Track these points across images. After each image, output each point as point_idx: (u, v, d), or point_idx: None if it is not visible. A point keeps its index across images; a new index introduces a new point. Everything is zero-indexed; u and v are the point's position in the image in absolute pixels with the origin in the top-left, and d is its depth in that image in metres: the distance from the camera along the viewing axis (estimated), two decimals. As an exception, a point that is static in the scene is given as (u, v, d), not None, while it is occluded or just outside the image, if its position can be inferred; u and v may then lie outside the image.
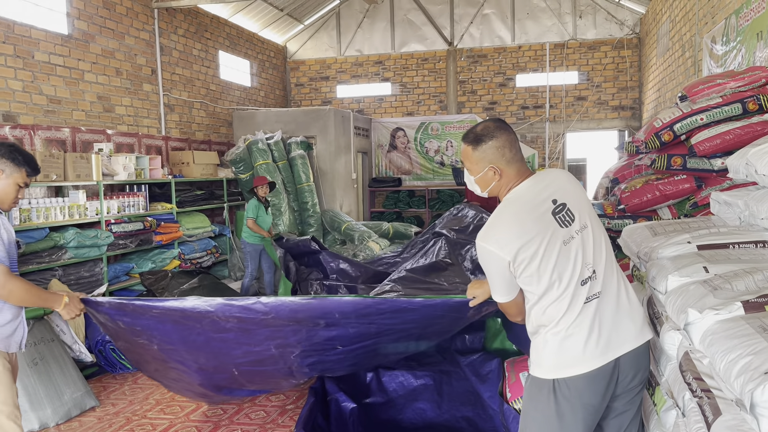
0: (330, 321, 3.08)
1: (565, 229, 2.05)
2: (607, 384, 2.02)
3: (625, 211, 4.68)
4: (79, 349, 5.01)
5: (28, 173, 2.77)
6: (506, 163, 2.15)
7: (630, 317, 2.06)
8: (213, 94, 9.90)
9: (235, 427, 4.03)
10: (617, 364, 2.02)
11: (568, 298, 2.01)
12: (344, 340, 3.20)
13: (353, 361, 3.56)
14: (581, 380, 1.99)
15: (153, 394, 4.71)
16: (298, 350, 3.27)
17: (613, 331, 2.02)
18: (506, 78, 12.10)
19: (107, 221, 6.41)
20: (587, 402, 2.01)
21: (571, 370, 2.00)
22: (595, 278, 2.04)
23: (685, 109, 4.43)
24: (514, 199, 2.14)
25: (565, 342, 2.01)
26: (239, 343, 3.23)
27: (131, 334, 3.33)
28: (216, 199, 8.78)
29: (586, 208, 2.14)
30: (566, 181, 2.19)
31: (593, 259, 2.06)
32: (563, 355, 2.01)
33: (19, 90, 6.08)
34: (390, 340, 3.36)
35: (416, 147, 11.90)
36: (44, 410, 4.15)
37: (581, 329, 2.00)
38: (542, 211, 2.07)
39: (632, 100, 11.61)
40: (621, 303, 2.06)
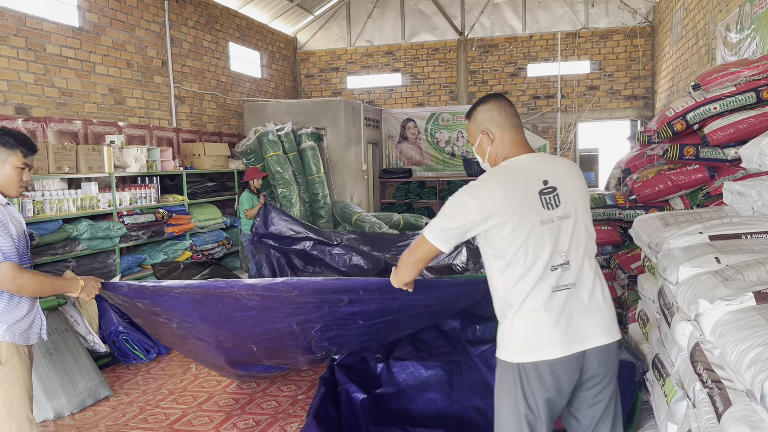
0: (353, 298, 3.11)
1: (547, 211, 2.07)
2: (571, 373, 2.04)
3: (637, 202, 4.65)
4: (93, 339, 5.07)
5: (24, 153, 2.68)
6: (496, 126, 2.20)
7: (601, 315, 2.07)
8: (223, 86, 9.92)
9: (246, 417, 4.07)
10: (584, 356, 2.04)
11: (535, 278, 2.03)
12: (366, 315, 3.22)
13: (373, 335, 3.58)
14: (545, 366, 2.02)
15: (166, 384, 4.76)
16: (320, 325, 3.29)
17: (582, 324, 2.03)
18: (517, 68, 12.02)
19: (119, 213, 6.45)
20: (550, 388, 2.04)
21: (536, 355, 2.03)
22: (568, 269, 2.05)
23: (698, 98, 4.38)
24: (507, 167, 2.17)
25: (532, 328, 2.03)
26: (260, 320, 3.25)
27: (150, 314, 3.39)
28: (227, 191, 8.81)
29: (579, 202, 2.14)
30: (567, 170, 2.19)
31: (568, 249, 2.06)
32: (529, 341, 2.04)
33: (32, 83, 6.12)
34: (411, 315, 3.38)
35: (427, 138, 11.87)
36: (59, 400, 4.20)
37: (549, 317, 2.02)
38: (530, 187, 2.09)
39: (645, 90, 11.50)
40: (594, 299, 2.07)
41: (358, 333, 3.42)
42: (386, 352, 4.52)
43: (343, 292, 3.11)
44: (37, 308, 2.78)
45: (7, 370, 2.59)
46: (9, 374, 2.60)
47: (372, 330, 3.41)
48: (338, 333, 3.41)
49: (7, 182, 2.66)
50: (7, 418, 2.60)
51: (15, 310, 2.64)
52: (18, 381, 2.63)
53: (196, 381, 4.79)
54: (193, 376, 4.89)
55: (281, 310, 3.18)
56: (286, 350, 3.61)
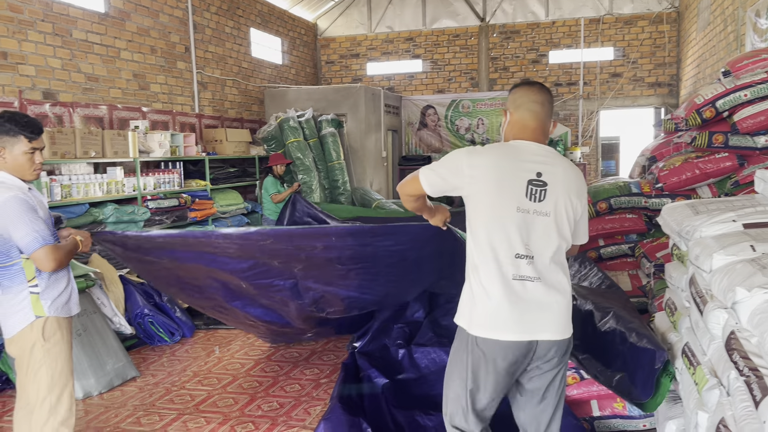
0: (327, 244, 3.25)
1: (528, 201, 2.10)
2: (519, 357, 2.12)
3: (663, 190, 4.59)
4: (119, 321, 5.15)
5: (29, 138, 2.67)
6: (515, 107, 2.25)
7: (557, 313, 2.13)
8: (245, 72, 9.94)
9: (270, 399, 4.12)
10: (535, 345, 2.12)
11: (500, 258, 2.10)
12: (342, 260, 3.37)
13: (356, 282, 3.69)
14: (495, 345, 2.10)
15: (190, 366, 4.83)
16: (301, 266, 3.41)
17: (537, 317, 2.10)
18: (539, 54, 11.89)
19: (144, 197, 6.53)
20: (499, 365, 2.13)
21: (490, 333, 2.11)
22: (532, 262, 2.10)
23: (728, 84, 4.31)
24: (511, 145, 2.21)
25: (490, 307, 2.11)
26: (244, 258, 3.37)
27: (141, 255, 3.51)
28: (248, 177, 8.87)
29: (563, 206, 2.13)
30: (566, 173, 2.18)
31: (535, 245, 2.11)
32: (485, 319, 2.12)
33: (59, 68, 6.18)
34: (388, 264, 3.50)
35: (447, 125, 11.82)
36: (88, 379, 4.29)
37: (507, 302, 2.08)
38: (522, 172, 2.13)
39: (669, 77, 11.33)
40: (553, 297, 2.12)
41: (338, 275, 3.57)
42: (407, 338, 4.56)
43: (315, 238, 3.27)
44: (72, 279, 2.86)
45: (50, 345, 2.68)
46: (52, 350, 2.69)
47: (353, 275, 3.56)
48: (320, 273, 3.55)
49: (20, 169, 2.67)
50: (48, 392, 2.69)
51: (55, 286, 2.73)
52: (60, 356, 2.72)
53: (220, 364, 4.85)
54: (216, 359, 4.95)
55: (260, 254, 3.32)
56: (276, 290, 3.71)
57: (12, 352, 2.72)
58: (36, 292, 2.67)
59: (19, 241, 2.57)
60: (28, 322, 2.65)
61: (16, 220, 2.54)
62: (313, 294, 3.75)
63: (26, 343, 2.66)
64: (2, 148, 2.64)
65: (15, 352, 2.71)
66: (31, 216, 2.59)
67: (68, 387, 2.76)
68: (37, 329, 2.66)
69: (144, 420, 3.86)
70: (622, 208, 4.81)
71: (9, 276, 2.66)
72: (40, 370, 2.67)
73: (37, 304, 2.67)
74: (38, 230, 2.58)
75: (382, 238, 3.26)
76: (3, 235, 2.60)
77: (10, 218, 2.55)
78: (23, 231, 2.55)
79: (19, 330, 2.66)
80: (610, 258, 4.79)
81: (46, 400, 2.68)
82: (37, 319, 2.66)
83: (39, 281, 2.68)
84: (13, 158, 2.65)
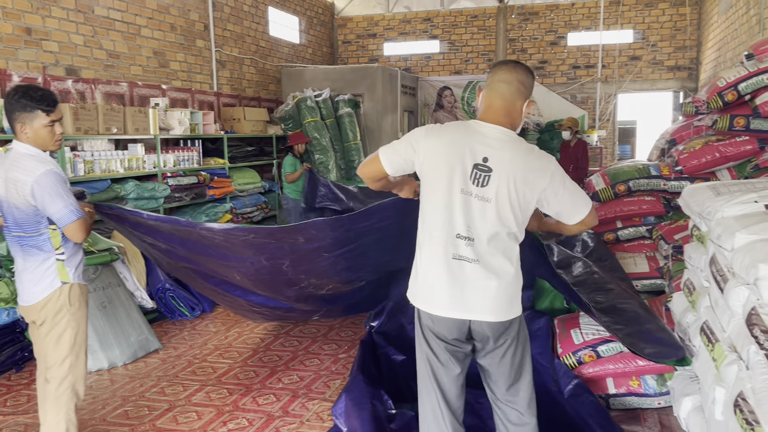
0: (307, 236, 3.32)
1: (470, 184, 2.14)
2: (458, 332, 2.21)
3: (683, 173, 4.60)
4: (141, 295, 5.26)
5: (47, 111, 2.70)
6: (486, 85, 2.27)
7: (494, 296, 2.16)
8: (263, 51, 9.96)
9: (291, 372, 4.21)
10: (469, 324, 2.19)
11: (441, 236, 2.17)
12: (326, 248, 3.45)
13: (346, 265, 3.77)
14: (433, 318, 2.21)
15: (211, 339, 4.93)
16: (288, 261, 3.49)
17: (471, 298, 2.16)
18: (558, 36, 11.80)
19: (164, 174, 6.61)
20: (442, 337, 2.22)
21: (429, 307, 2.22)
22: (472, 244, 2.15)
23: (751, 68, 4.30)
24: (467, 125, 2.23)
25: (430, 283, 2.20)
26: (231, 252, 3.44)
27: (140, 236, 3.59)
28: (266, 156, 8.93)
29: (508, 196, 2.13)
30: (515, 161, 2.14)
31: (476, 228, 2.15)
32: (426, 293, 2.22)
33: (81, 44, 6.24)
34: (373, 240, 3.55)
35: (463, 106, 11.78)
36: (113, 351, 4.40)
37: (445, 280, 2.16)
38: (470, 155, 2.15)
39: (689, 60, 11.21)
40: (490, 281, 2.15)
41: (329, 264, 3.64)
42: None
43: (295, 232, 3.32)
44: (82, 250, 2.99)
45: (75, 309, 2.82)
46: (77, 314, 2.83)
47: (342, 260, 3.63)
48: (309, 267, 3.62)
49: (43, 142, 2.73)
50: (69, 352, 2.82)
51: (77, 254, 2.88)
52: (82, 320, 2.87)
53: (240, 338, 4.95)
54: (237, 333, 5.05)
55: (245, 250, 3.38)
56: (268, 282, 3.80)
57: (37, 317, 2.82)
58: (62, 259, 2.79)
59: (54, 214, 2.65)
60: (56, 287, 2.77)
61: (54, 194, 2.62)
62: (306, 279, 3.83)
63: (53, 308, 2.78)
64: (22, 124, 2.69)
65: (41, 317, 2.81)
66: (66, 189, 2.67)
67: (84, 348, 2.92)
68: (64, 295, 2.78)
69: (168, 390, 3.96)
70: (641, 191, 4.83)
71: (38, 245, 2.76)
72: (65, 333, 2.80)
73: (63, 271, 2.79)
74: (73, 203, 2.67)
75: (362, 221, 3.32)
76: (38, 207, 2.67)
77: (48, 191, 2.62)
78: (60, 204, 2.63)
79: (46, 295, 2.77)
80: (628, 240, 4.82)
81: (67, 359, 2.82)
82: (63, 285, 2.79)
83: (65, 249, 2.79)
84: (34, 132, 2.70)
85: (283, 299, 4.20)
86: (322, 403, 3.71)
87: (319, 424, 3.45)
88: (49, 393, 2.82)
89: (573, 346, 3.56)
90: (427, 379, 2.29)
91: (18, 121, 2.69)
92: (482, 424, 3.20)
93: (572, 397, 3.34)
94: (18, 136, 2.72)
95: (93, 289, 4.53)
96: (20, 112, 2.68)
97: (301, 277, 3.77)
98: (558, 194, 2.19)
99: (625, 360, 3.46)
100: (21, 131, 2.70)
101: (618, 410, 3.50)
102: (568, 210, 2.25)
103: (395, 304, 4.71)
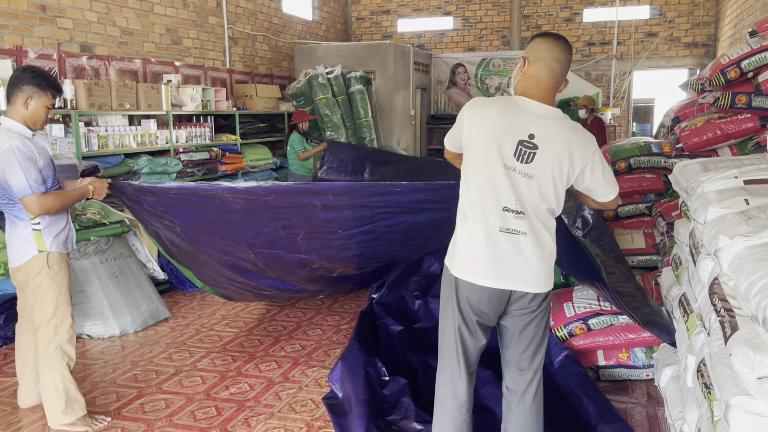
0: (324, 202, 3.38)
1: (515, 161, 2.17)
2: (497, 302, 2.27)
3: (684, 150, 4.63)
4: (153, 266, 5.42)
5: (53, 95, 2.98)
6: (535, 59, 2.25)
7: (537, 269, 2.22)
8: (275, 28, 10.01)
9: (293, 341, 4.36)
10: (509, 294, 2.25)
11: (487, 210, 2.20)
12: (341, 222, 3.53)
13: (358, 251, 3.90)
14: (472, 287, 2.25)
15: (219, 310, 5.10)
16: (303, 232, 3.59)
17: (515, 269, 2.21)
18: (573, 12, 11.68)
19: (176, 150, 6.75)
20: (478, 310, 2.29)
21: (471, 277, 2.25)
22: (522, 218, 2.19)
23: (754, 45, 4.29)
24: (514, 101, 2.25)
25: (474, 253, 2.24)
26: (249, 222, 3.55)
27: (157, 218, 3.70)
28: (277, 132, 9.04)
29: (552, 173, 2.18)
30: (561, 139, 2.17)
31: (523, 201, 2.18)
32: (469, 263, 2.26)
33: (95, 21, 6.37)
34: (386, 228, 3.63)
35: (476, 83, 11.75)
36: (124, 318, 4.58)
37: (488, 251, 2.20)
38: (516, 131, 2.18)
39: (707, 37, 11.04)
40: (535, 254, 2.21)
41: (341, 244, 3.76)
42: (424, 289, 4.73)
43: (313, 194, 3.41)
44: (69, 221, 3.19)
45: (54, 273, 3.05)
46: (56, 277, 3.06)
47: (353, 243, 3.74)
48: (323, 243, 3.73)
49: (35, 119, 2.97)
50: (53, 314, 3.07)
51: (56, 225, 3.07)
52: (63, 283, 3.09)
53: (247, 309, 5.11)
54: (244, 305, 5.21)
55: (264, 213, 3.47)
56: (282, 260, 3.91)
57: (19, 279, 3.11)
58: (38, 228, 3.01)
59: (13, 186, 2.87)
60: (32, 254, 3.01)
61: (14, 167, 2.84)
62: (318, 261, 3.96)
63: (32, 271, 3.03)
64: (29, 97, 2.93)
65: (22, 280, 3.09)
66: (27, 165, 2.87)
67: (69, 310, 3.13)
68: (42, 261, 3.02)
69: (175, 356, 4.13)
70: (642, 168, 4.86)
71: (15, 213, 3.00)
72: (46, 295, 3.04)
73: (40, 239, 3.01)
74: (30, 178, 2.86)
75: (377, 196, 3.37)
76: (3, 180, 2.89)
77: (9, 164, 2.84)
78: (17, 178, 2.85)
79: (25, 261, 3.02)
80: (627, 217, 4.87)
81: (51, 320, 3.06)
82: (40, 253, 3.02)
83: (41, 219, 3.01)
84: (34, 109, 2.95)
85: (295, 280, 4.33)
86: (321, 370, 3.85)
87: (317, 389, 3.59)
88: (41, 354, 3.09)
89: (564, 318, 3.65)
90: (452, 345, 2.37)
91: (25, 93, 2.91)
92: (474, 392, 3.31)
93: (561, 367, 3.44)
94: (13, 109, 2.93)
95: (105, 259, 4.70)
96: (34, 87, 2.91)
97: (314, 257, 3.88)
98: (595, 173, 2.26)
99: (614, 333, 3.55)
100: (22, 104, 2.92)
101: (607, 381, 3.60)
102: (599, 189, 2.31)
103: (396, 276, 4.84)
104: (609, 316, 3.55)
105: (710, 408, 1.74)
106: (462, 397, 2.39)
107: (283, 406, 3.39)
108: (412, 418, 3.07)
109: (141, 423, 3.23)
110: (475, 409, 3.11)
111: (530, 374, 2.41)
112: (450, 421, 2.41)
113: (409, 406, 3.14)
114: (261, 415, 3.28)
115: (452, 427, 2.41)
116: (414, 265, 4.92)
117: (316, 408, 3.36)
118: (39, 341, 3.08)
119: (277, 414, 3.30)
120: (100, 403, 3.46)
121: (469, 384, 2.41)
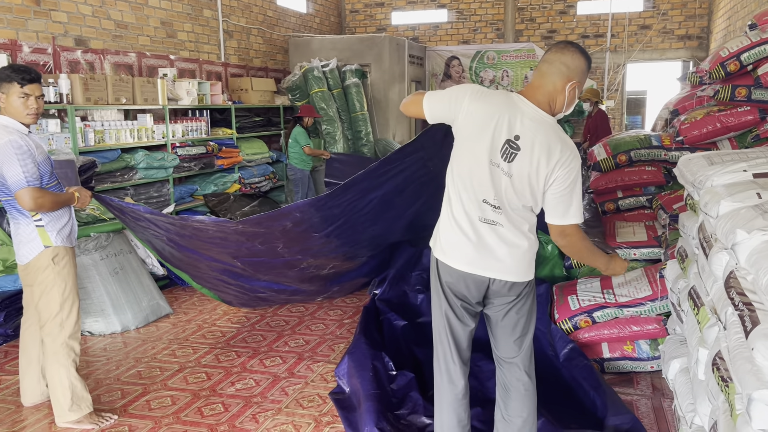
0: (294, 220, 3.46)
1: (499, 157, 2.22)
2: (475, 287, 2.33)
3: (684, 143, 4.65)
4: (152, 262, 5.40)
5: (21, 84, 2.92)
6: (542, 63, 2.32)
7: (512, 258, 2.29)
8: (270, 21, 9.95)
9: (297, 336, 4.36)
10: (489, 282, 2.31)
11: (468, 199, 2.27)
12: (315, 227, 3.61)
13: (339, 242, 3.92)
14: (454, 272, 2.33)
15: (220, 305, 5.08)
16: (281, 244, 3.65)
17: (492, 257, 2.28)
18: (567, 5, 11.67)
19: (173, 144, 6.70)
20: (460, 296, 2.36)
21: (449, 260, 2.33)
22: (499, 212, 2.25)
23: (754, 38, 4.30)
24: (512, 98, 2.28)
25: (454, 239, 2.31)
26: (228, 241, 3.60)
27: (142, 228, 3.75)
28: (273, 126, 8.99)
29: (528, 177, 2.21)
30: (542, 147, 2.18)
31: (501, 197, 2.24)
32: (449, 247, 2.33)
33: (89, 15, 6.29)
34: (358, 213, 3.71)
35: (471, 76, 11.74)
36: (125, 315, 4.56)
37: (469, 240, 2.28)
38: (505, 130, 2.22)
39: (700, 29, 11.08)
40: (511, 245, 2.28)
41: (322, 243, 3.80)
42: (426, 284, 4.73)
43: (282, 217, 3.45)
44: (72, 216, 3.20)
45: (60, 268, 3.06)
46: (62, 272, 3.07)
47: (333, 237, 3.79)
48: (303, 246, 3.78)
49: (16, 113, 2.96)
50: (59, 309, 3.08)
51: (60, 219, 3.09)
52: (69, 278, 3.10)
53: (248, 304, 5.10)
54: (245, 299, 5.20)
55: (238, 237, 3.53)
56: (269, 265, 3.95)
57: (26, 276, 3.12)
58: (41, 225, 3.02)
59: (9, 179, 2.87)
60: (39, 251, 3.02)
61: (12, 161, 2.84)
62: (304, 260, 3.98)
63: (39, 268, 3.04)
64: (3, 94, 2.94)
65: (29, 276, 3.10)
66: (24, 159, 2.87)
67: (75, 305, 3.14)
68: (47, 256, 3.03)
69: (179, 352, 4.12)
70: (642, 161, 4.88)
71: (18, 209, 3.00)
72: (52, 290, 3.05)
73: (44, 235, 3.03)
74: (26, 172, 2.86)
75: (341, 197, 3.46)
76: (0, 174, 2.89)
77: (6, 158, 2.84)
78: (13, 171, 2.85)
79: (32, 257, 3.03)
80: (628, 209, 4.89)
81: (58, 316, 3.07)
82: (46, 248, 3.03)
83: (42, 216, 3.02)
84: (9, 103, 2.94)
85: (288, 281, 4.32)
86: (327, 365, 3.85)
87: (323, 384, 3.59)
88: (47, 350, 3.09)
89: (569, 311, 3.67)
90: (443, 331, 2.44)
91: (1, 91, 2.93)
92: (480, 386, 3.33)
93: (567, 360, 3.46)
94: (2, 110, 2.96)
95: (105, 255, 4.67)
96: (3, 82, 2.93)
97: (299, 258, 3.91)
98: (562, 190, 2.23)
99: (619, 325, 3.57)
100: (2, 102, 2.94)
101: (612, 374, 3.62)
102: (558, 210, 2.27)
103: (397, 271, 4.83)
104: (614, 308, 3.57)
105: (728, 401, 1.75)
106: (458, 384, 2.45)
107: (290, 402, 3.39)
108: (420, 412, 3.09)
109: (148, 420, 3.22)
110: (482, 402, 3.13)
111: (519, 362, 2.46)
112: (447, 406, 2.47)
113: (418, 400, 3.15)
114: (268, 411, 3.28)
115: (451, 413, 2.47)
116: (414, 259, 4.92)
117: (324, 403, 3.36)
118: (45, 336, 3.09)
119: (285, 410, 3.30)
120: (106, 401, 3.45)
121: (463, 370, 2.46)
